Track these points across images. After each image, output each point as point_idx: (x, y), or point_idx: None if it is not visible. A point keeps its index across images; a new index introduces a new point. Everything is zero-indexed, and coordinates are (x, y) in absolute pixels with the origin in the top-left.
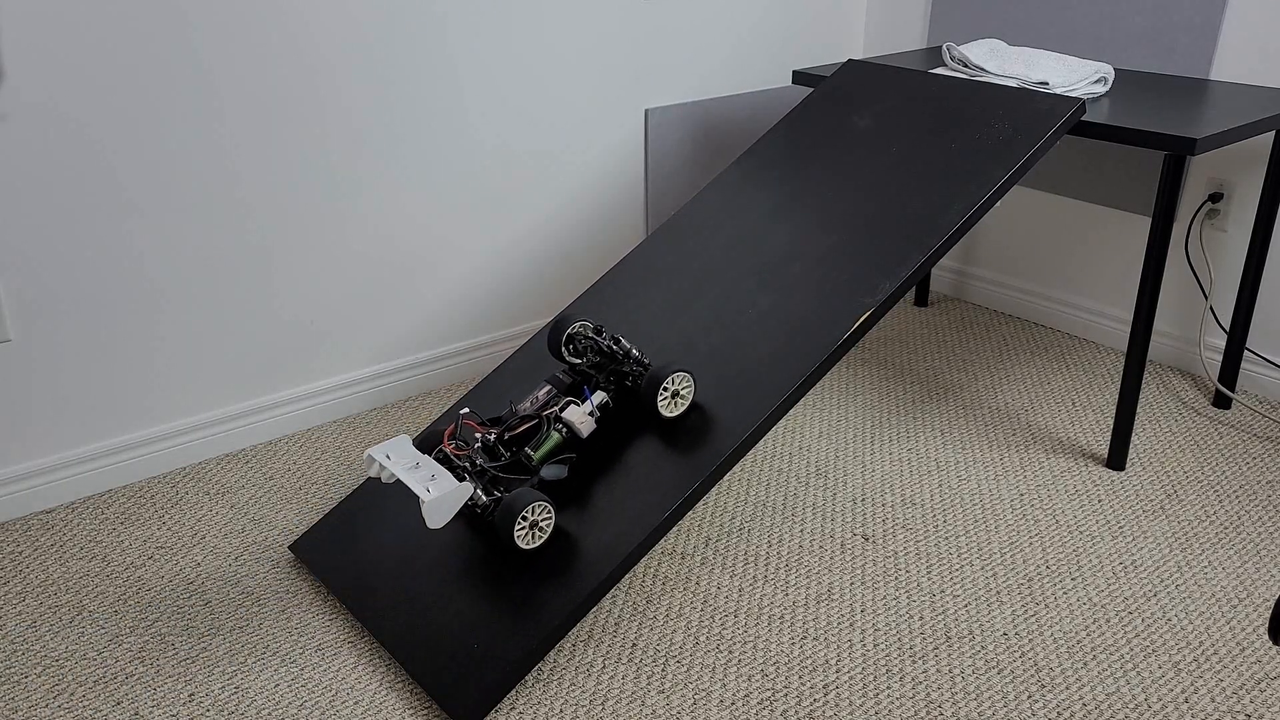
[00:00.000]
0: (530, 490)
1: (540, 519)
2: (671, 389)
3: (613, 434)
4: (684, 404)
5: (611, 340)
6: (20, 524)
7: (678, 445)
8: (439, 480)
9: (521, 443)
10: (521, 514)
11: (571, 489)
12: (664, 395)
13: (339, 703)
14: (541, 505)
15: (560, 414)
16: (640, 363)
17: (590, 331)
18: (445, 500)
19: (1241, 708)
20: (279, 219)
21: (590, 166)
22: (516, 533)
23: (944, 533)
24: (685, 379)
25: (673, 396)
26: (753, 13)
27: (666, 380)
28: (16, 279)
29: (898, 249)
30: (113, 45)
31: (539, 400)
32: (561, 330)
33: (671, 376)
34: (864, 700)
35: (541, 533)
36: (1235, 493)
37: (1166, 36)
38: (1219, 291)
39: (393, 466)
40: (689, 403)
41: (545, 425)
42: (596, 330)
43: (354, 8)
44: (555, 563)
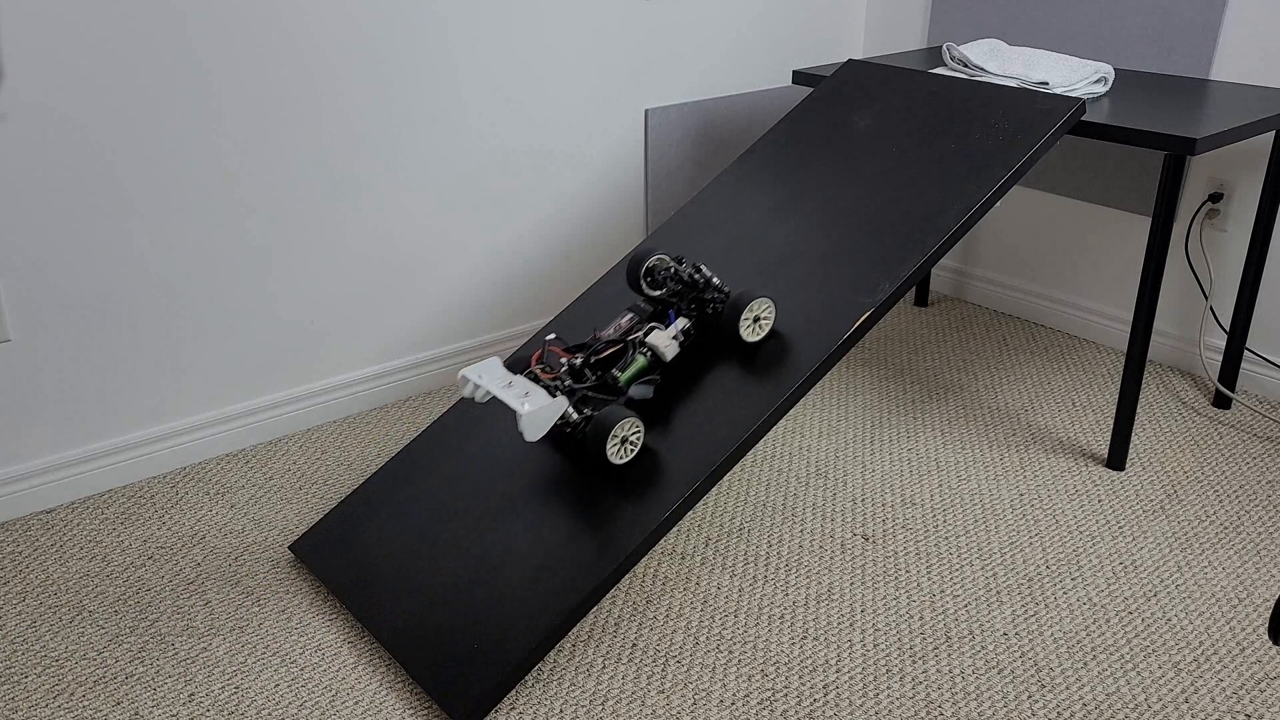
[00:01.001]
0: (620, 408)
1: (630, 434)
2: (753, 314)
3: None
4: (765, 329)
5: (693, 268)
6: (20, 524)
7: (684, 439)
8: (533, 396)
9: (607, 366)
10: (613, 430)
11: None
12: (746, 320)
13: (339, 703)
14: (631, 421)
15: (644, 338)
16: (720, 290)
17: (670, 262)
18: (541, 414)
19: (1241, 708)
20: (279, 219)
21: (590, 166)
22: (609, 448)
23: (944, 533)
24: (767, 304)
25: (755, 321)
26: (752, 12)
27: (749, 306)
28: (16, 279)
29: (898, 249)
30: (112, 45)
31: (622, 327)
32: (640, 263)
33: (753, 302)
34: (864, 700)
35: (631, 448)
36: (1235, 493)
37: (1166, 36)
38: (1219, 291)
39: (487, 384)
40: (770, 328)
41: (630, 349)
42: (677, 259)
43: (353, 8)
44: (555, 563)
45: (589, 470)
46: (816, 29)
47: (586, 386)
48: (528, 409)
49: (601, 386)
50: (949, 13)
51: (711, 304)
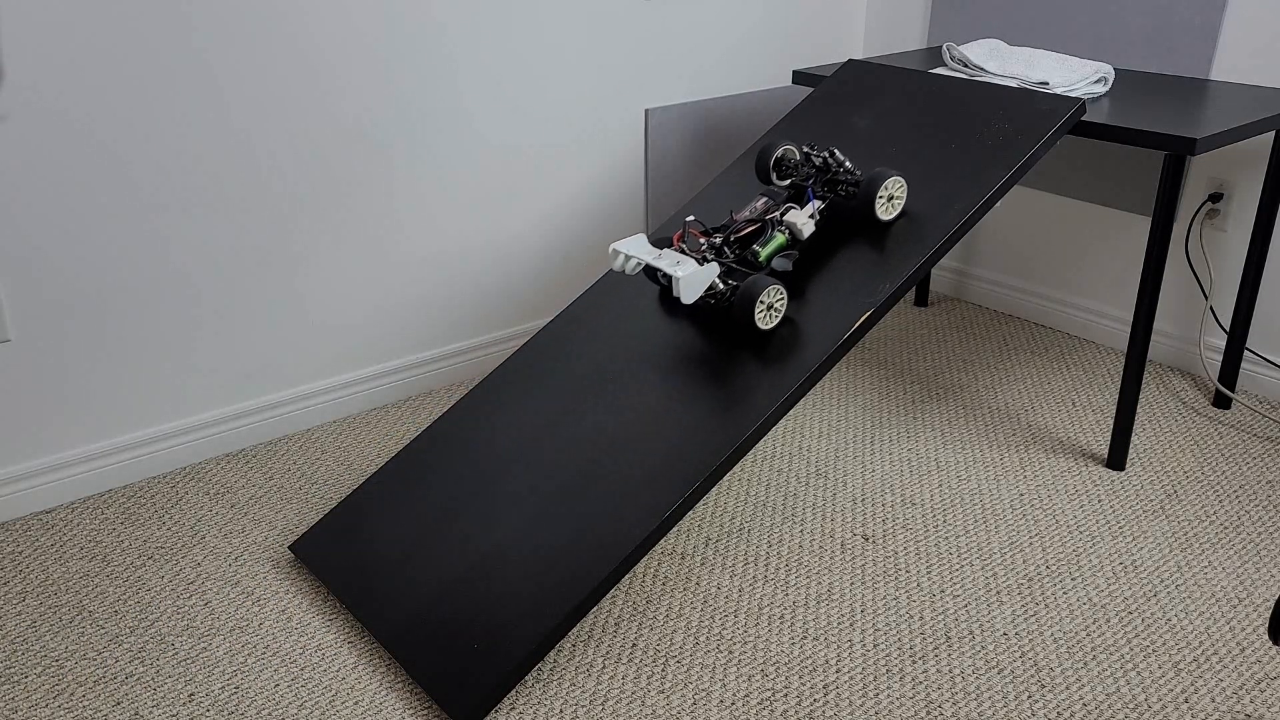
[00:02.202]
0: (765, 276)
1: (775, 301)
2: (888, 193)
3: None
4: (898, 207)
5: (827, 153)
6: (20, 524)
7: (687, 437)
8: (685, 263)
9: (747, 244)
10: (760, 296)
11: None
12: (881, 199)
13: (339, 703)
14: (777, 289)
15: (782, 217)
16: (852, 173)
17: (798, 151)
18: (696, 277)
19: (1241, 708)
20: (279, 219)
21: (590, 166)
22: (757, 314)
23: (944, 533)
24: (900, 183)
25: (889, 200)
26: (753, 13)
27: (884, 185)
28: (17, 279)
29: (898, 249)
30: (112, 43)
31: (758, 209)
32: (769, 155)
33: (887, 181)
34: (864, 700)
35: (776, 314)
36: (1235, 493)
37: (1166, 36)
38: (1219, 291)
39: (638, 255)
40: (903, 205)
41: (769, 227)
42: (809, 145)
43: (355, 8)
44: (555, 563)
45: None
46: (816, 29)
47: (729, 261)
48: (684, 272)
49: (742, 262)
50: (949, 13)
51: (844, 185)
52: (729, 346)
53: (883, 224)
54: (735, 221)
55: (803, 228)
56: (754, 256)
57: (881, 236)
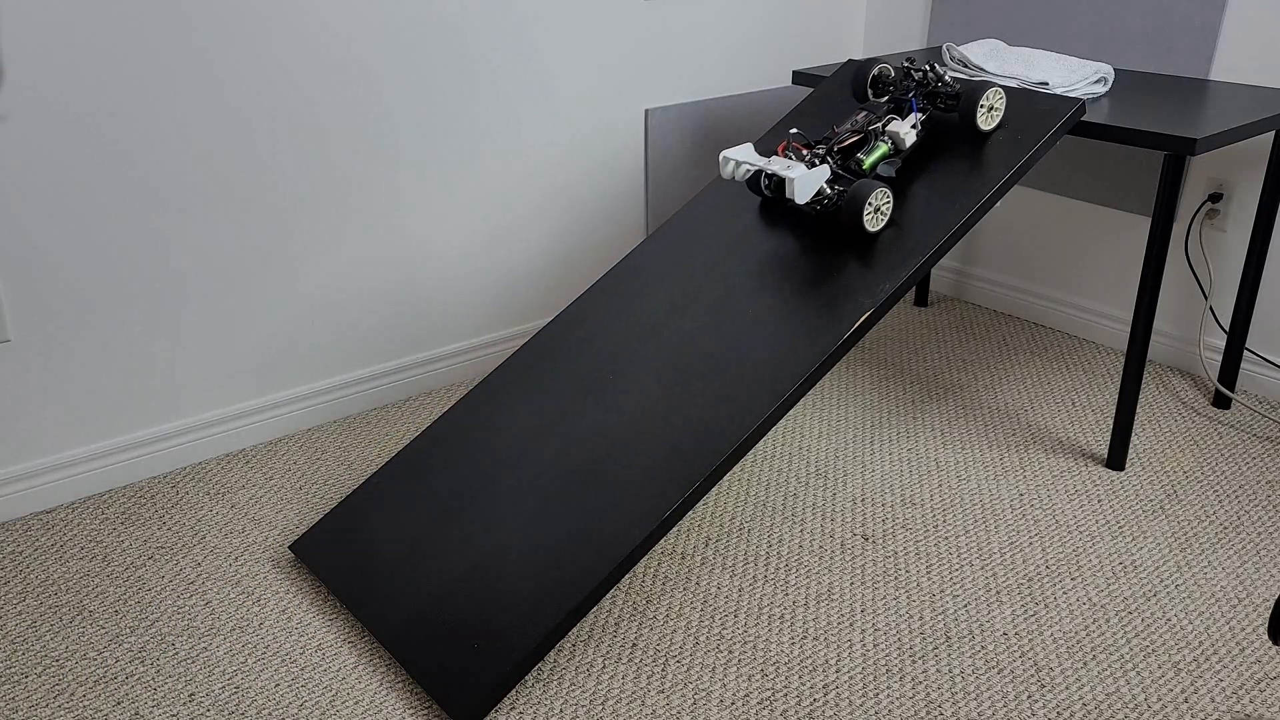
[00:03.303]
0: (871, 181)
1: (882, 204)
2: (989, 104)
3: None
4: (996, 118)
5: (927, 68)
6: (20, 524)
7: (686, 437)
8: (795, 166)
9: (850, 154)
10: (869, 199)
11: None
12: (983, 109)
13: (339, 703)
14: (883, 192)
15: (885, 128)
16: (951, 86)
17: (894, 69)
18: (809, 177)
19: (1241, 708)
20: (279, 219)
21: (590, 166)
22: (866, 216)
23: (944, 533)
24: (1000, 94)
25: (989, 110)
26: (753, 13)
27: (985, 95)
28: (16, 279)
29: (898, 249)
30: (113, 42)
31: (859, 122)
32: (867, 72)
33: (988, 92)
34: (864, 700)
35: (883, 216)
36: (1235, 493)
37: (1166, 36)
38: (1219, 291)
39: (750, 160)
40: (1000, 117)
41: (872, 138)
42: (908, 59)
43: (355, 8)
44: (555, 563)
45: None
46: (816, 29)
47: (837, 167)
48: (796, 172)
49: (846, 169)
50: (949, 13)
51: (943, 99)
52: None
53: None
54: (837, 133)
55: (905, 137)
56: (858, 165)
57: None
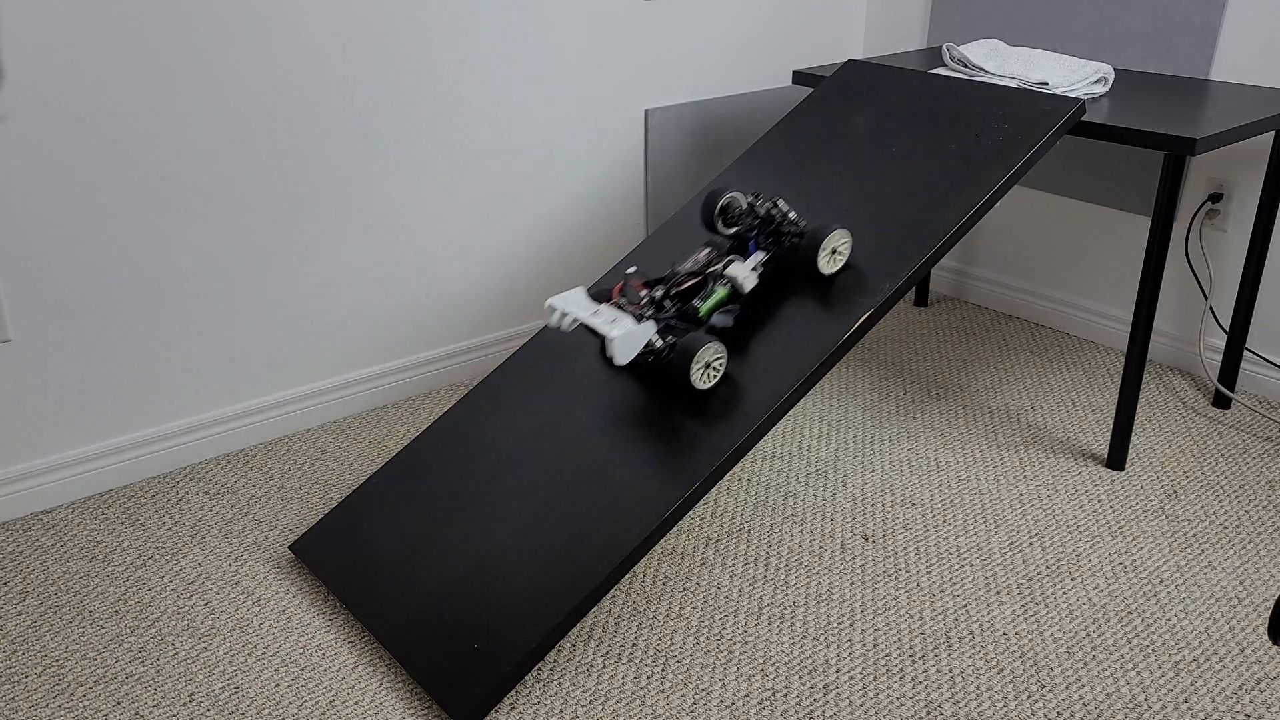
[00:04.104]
0: (704, 334)
1: (714, 360)
2: (831, 246)
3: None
4: (841, 261)
5: (770, 203)
6: (20, 524)
7: (685, 439)
8: (620, 322)
9: (688, 297)
10: (698, 355)
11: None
12: (825, 253)
13: (339, 703)
14: (715, 347)
15: (724, 270)
16: (796, 224)
17: (744, 198)
18: (630, 337)
19: (1241, 708)
20: (279, 219)
21: (590, 166)
22: (694, 373)
23: (944, 533)
24: (844, 237)
25: (832, 253)
26: (753, 13)
27: (828, 238)
28: (17, 279)
29: (898, 249)
30: (114, 42)
31: (700, 260)
32: (714, 202)
33: (831, 234)
34: (864, 700)
35: (715, 373)
36: (1235, 493)
37: (1166, 36)
38: (1219, 291)
39: (574, 312)
40: (845, 260)
41: (710, 281)
42: (754, 194)
43: (355, 8)
44: (555, 563)
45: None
46: (816, 29)
47: (669, 316)
48: (617, 332)
49: (683, 316)
50: (949, 13)
51: (788, 237)
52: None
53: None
54: (677, 273)
55: (744, 281)
56: (694, 312)
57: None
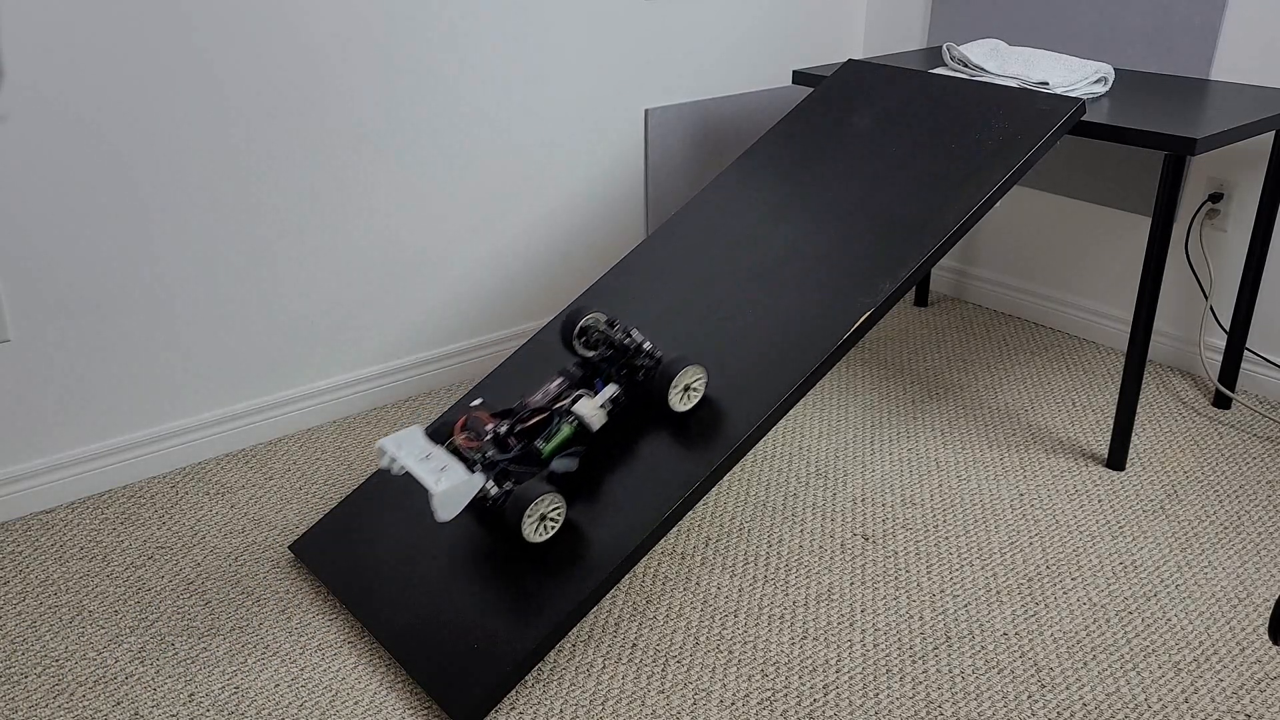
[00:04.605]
0: (540, 483)
1: (550, 512)
2: (684, 383)
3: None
4: (696, 398)
5: (624, 333)
6: (20, 524)
7: (683, 442)
8: (449, 471)
9: (532, 435)
10: (530, 506)
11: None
12: (676, 389)
13: (339, 703)
14: (551, 498)
15: (571, 407)
16: (652, 356)
17: (603, 324)
18: (455, 492)
19: (1241, 708)
20: (279, 219)
21: (590, 166)
22: (525, 525)
23: (944, 533)
24: (698, 373)
25: (685, 391)
26: (753, 13)
27: (679, 374)
28: (17, 279)
29: (898, 249)
30: (114, 43)
31: (550, 393)
32: (574, 323)
33: (684, 370)
34: (864, 700)
35: (552, 524)
36: (1235, 493)
37: (1166, 36)
38: (1219, 291)
39: (404, 458)
40: (700, 396)
41: (556, 418)
42: (609, 322)
43: (355, 7)
44: (555, 562)
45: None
46: (816, 29)
47: (508, 458)
48: (441, 488)
49: (525, 457)
50: (949, 13)
51: (642, 370)
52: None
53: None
54: (525, 405)
55: (592, 420)
56: (538, 452)
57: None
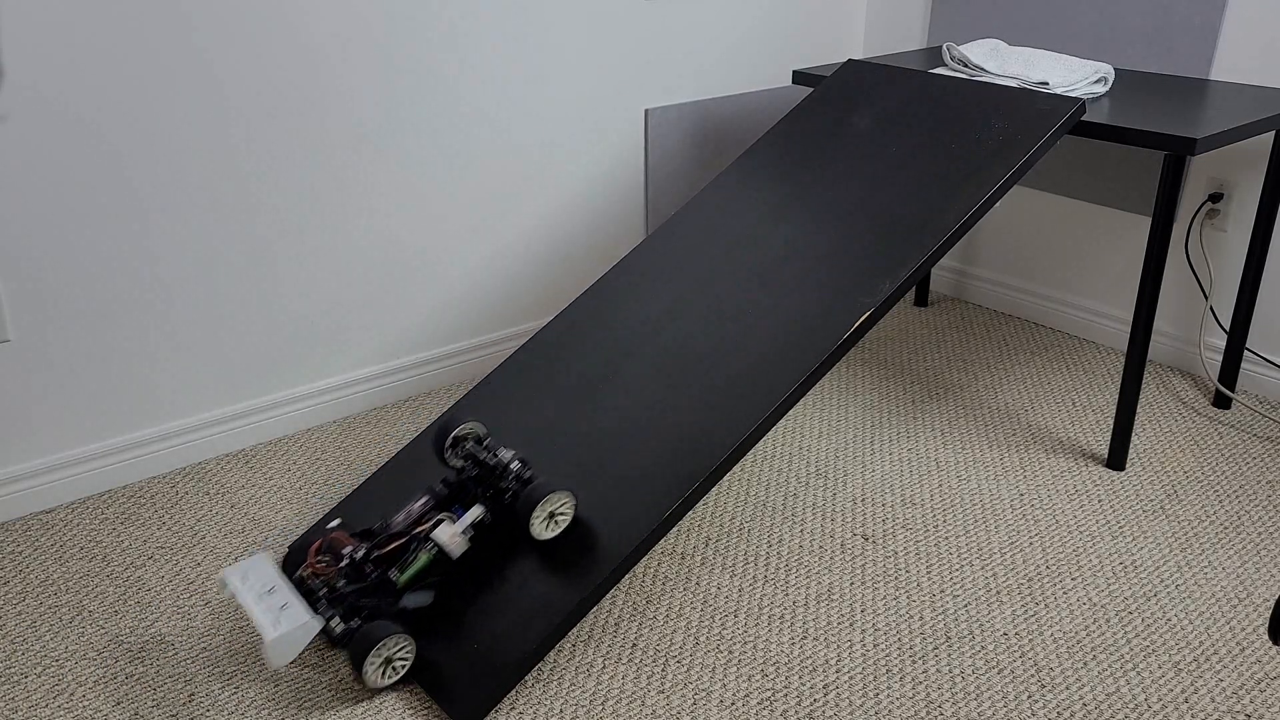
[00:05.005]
0: (386, 624)
1: (396, 655)
2: (548, 510)
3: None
4: (562, 524)
5: (492, 452)
6: (20, 524)
7: (683, 442)
8: (288, 612)
9: (389, 562)
10: (371, 653)
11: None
12: (539, 518)
13: (339, 703)
14: (396, 639)
15: (430, 533)
16: (520, 479)
17: (473, 440)
18: (289, 639)
19: (1241, 708)
20: (279, 219)
21: (590, 166)
22: (368, 668)
23: (944, 533)
24: (564, 499)
25: (550, 518)
26: (753, 13)
27: (541, 502)
28: (17, 279)
29: (898, 249)
30: (114, 43)
31: (413, 514)
32: (446, 433)
33: (549, 497)
34: (864, 700)
35: (402, 664)
36: (1235, 493)
37: (1166, 36)
38: (1219, 291)
39: (243, 593)
40: (569, 521)
41: (415, 544)
42: (479, 439)
43: (355, 7)
44: (555, 562)
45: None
46: (816, 29)
47: (360, 588)
48: (272, 635)
49: (379, 587)
50: (949, 13)
51: (509, 492)
52: (731, 347)
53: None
54: (387, 527)
55: (451, 546)
56: (393, 582)
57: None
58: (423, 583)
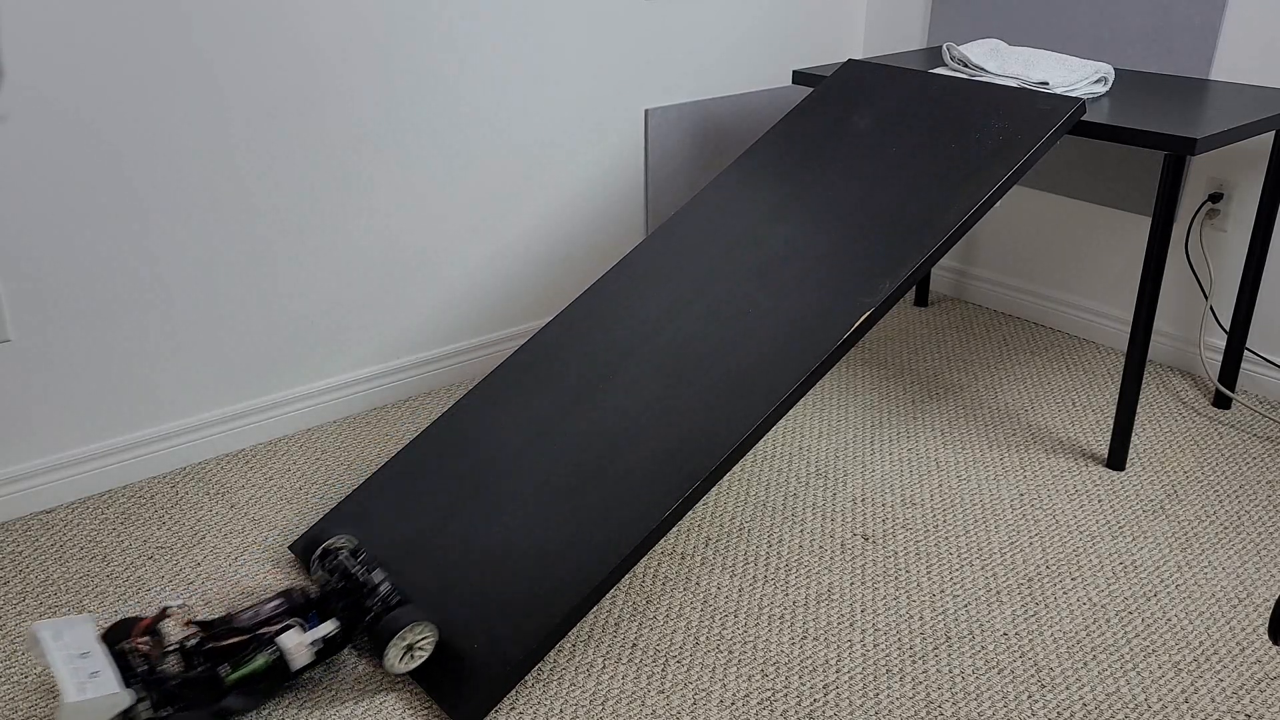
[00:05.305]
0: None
1: (418, 642)
2: (406, 641)
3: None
4: (421, 658)
5: (364, 569)
6: (20, 524)
7: (682, 442)
8: (98, 680)
9: (224, 657)
10: (398, 635)
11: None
12: (396, 646)
13: (339, 703)
14: (421, 629)
15: (276, 636)
16: (386, 603)
17: (346, 553)
18: (89, 707)
19: (1241, 708)
20: (279, 219)
21: (590, 166)
22: (389, 652)
23: (944, 533)
24: (425, 632)
25: (408, 649)
26: (753, 13)
27: (399, 632)
28: (17, 279)
29: (898, 249)
30: (114, 43)
31: (261, 614)
32: (317, 543)
33: (407, 628)
34: (864, 700)
35: (422, 653)
36: (1235, 493)
37: (1166, 36)
38: (1219, 291)
39: (54, 650)
40: (428, 656)
41: (255, 645)
42: (353, 552)
43: (355, 7)
44: (556, 562)
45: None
46: (816, 29)
47: (181, 676)
48: (71, 700)
49: (204, 681)
50: (949, 13)
51: (371, 612)
52: (729, 347)
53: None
54: (230, 619)
55: (295, 655)
56: (221, 677)
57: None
58: (254, 688)
